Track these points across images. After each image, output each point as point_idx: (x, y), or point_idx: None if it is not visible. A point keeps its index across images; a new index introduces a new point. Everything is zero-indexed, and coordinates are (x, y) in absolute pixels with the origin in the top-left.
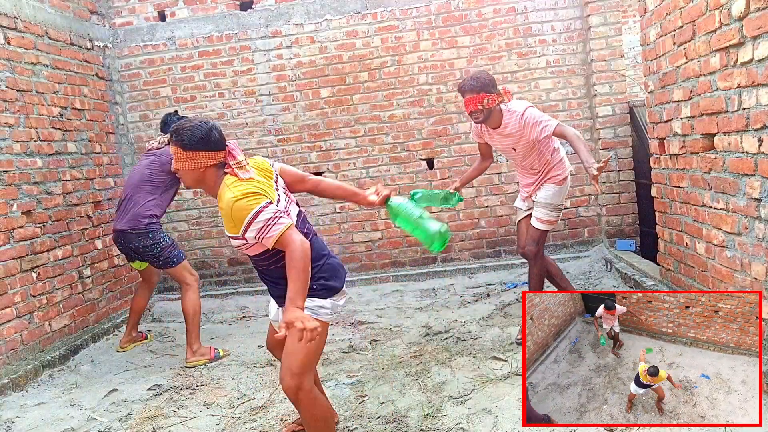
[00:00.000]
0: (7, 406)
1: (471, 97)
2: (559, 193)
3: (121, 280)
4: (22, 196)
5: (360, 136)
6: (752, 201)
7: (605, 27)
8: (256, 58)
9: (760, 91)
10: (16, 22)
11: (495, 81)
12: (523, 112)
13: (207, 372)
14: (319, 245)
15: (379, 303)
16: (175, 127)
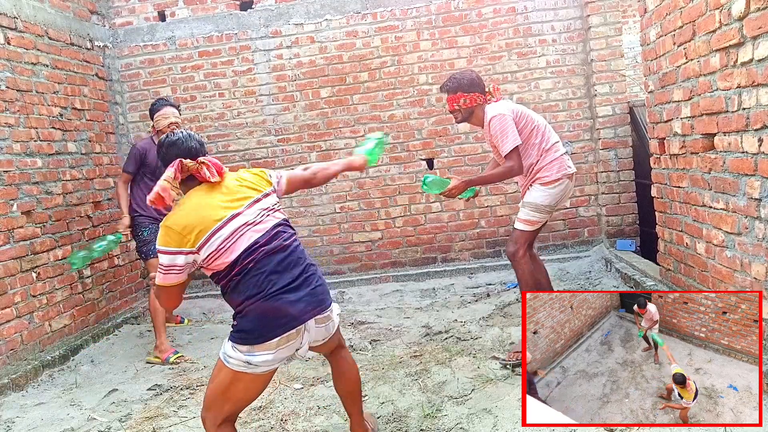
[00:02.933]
0: (7, 406)
1: (448, 97)
2: (546, 195)
3: (121, 280)
4: (22, 196)
5: (360, 136)
6: (752, 201)
7: (605, 27)
8: (256, 58)
9: (760, 91)
10: (16, 22)
11: (476, 81)
12: (489, 120)
13: (207, 372)
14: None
15: (379, 303)
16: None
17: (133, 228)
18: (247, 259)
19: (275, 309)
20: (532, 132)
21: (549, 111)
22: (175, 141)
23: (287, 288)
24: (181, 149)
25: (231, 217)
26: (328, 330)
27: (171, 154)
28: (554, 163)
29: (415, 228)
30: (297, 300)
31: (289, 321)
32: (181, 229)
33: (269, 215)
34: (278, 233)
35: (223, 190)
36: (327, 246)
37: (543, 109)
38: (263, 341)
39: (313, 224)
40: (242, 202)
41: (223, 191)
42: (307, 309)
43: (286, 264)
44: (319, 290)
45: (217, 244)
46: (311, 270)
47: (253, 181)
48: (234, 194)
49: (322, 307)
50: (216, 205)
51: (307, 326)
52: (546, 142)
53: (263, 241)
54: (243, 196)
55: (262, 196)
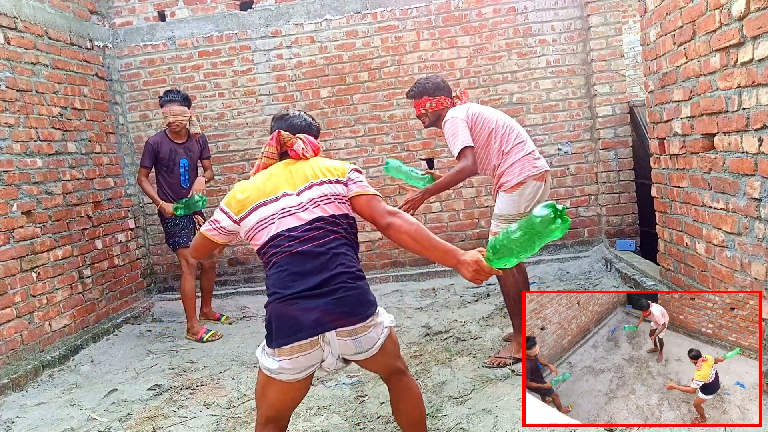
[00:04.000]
0: (7, 406)
1: (414, 102)
2: (511, 203)
3: (121, 280)
4: (22, 196)
5: (360, 136)
6: (752, 201)
7: (605, 27)
8: (256, 58)
9: (760, 91)
10: (16, 22)
11: (441, 85)
12: (444, 121)
13: (207, 372)
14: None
15: (379, 303)
16: None
17: (161, 217)
18: (274, 249)
19: (288, 314)
20: (490, 135)
21: (549, 111)
22: (283, 115)
23: (306, 293)
24: (284, 123)
25: (281, 195)
26: (360, 345)
27: (275, 127)
28: (515, 166)
29: None
30: (313, 308)
31: (299, 330)
32: (238, 193)
33: (317, 206)
34: (316, 228)
35: (298, 169)
36: None
37: (543, 109)
38: (276, 346)
39: None
40: (299, 185)
41: (296, 170)
42: (323, 320)
43: (312, 266)
44: (347, 300)
45: (256, 220)
46: (343, 278)
47: (322, 167)
48: (300, 176)
49: (344, 320)
50: (280, 181)
51: (326, 338)
52: (506, 144)
53: (295, 234)
54: (302, 179)
55: (317, 183)
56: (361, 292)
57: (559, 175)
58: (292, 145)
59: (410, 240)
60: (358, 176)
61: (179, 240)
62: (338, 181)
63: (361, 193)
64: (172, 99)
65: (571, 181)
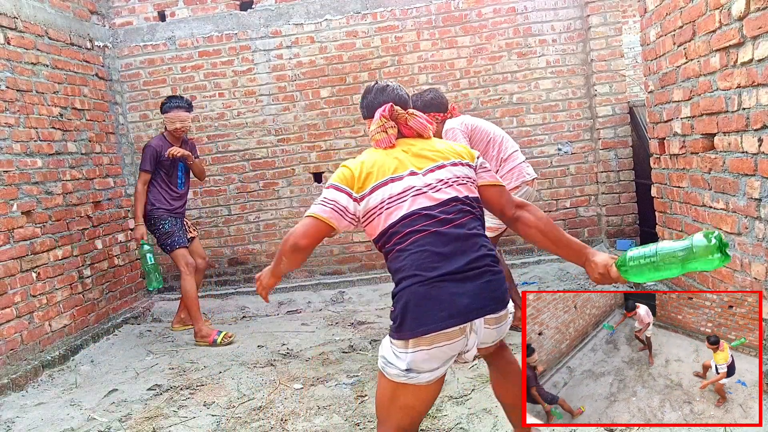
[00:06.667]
0: (7, 406)
1: None
2: None
3: (121, 280)
4: (22, 196)
5: (360, 136)
6: (752, 201)
7: (605, 27)
8: (256, 58)
9: (760, 91)
10: (16, 22)
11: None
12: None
13: (207, 372)
14: (408, 261)
15: (379, 303)
16: None
17: (151, 223)
18: (409, 229)
19: (433, 298)
20: (488, 144)
21: (549, 111)
22: (385, 87)
23: (451, 275)
24: (391, 96)
25: (408, 173)
26: (500, 333)
27: (378, 100)
28: (513, 172)
29: None
30: (462, 293)
31: (448, 317)
32: (356, 169)
33: (450, 186)
34: (453, 209)
35: (421, 146)
36: (327, 246)
37: (543, 109)
38: (416, 335)
39: None
40: (425, 165)
41: (417, 149)
42: (474, 306)
43: (454, 248)
44: (494, 286)
45: (380, 199)
46: (487, 261)
47: (449, 148)
48: (423, 156)
49: (494, 306)
50: (402, 159)
51: (474, 326)
52: (504, 152)
53: (430, 213)
54: (427, 159)
55: (449, 164)
56: (502, 278)
57: (559, 175)
58: (406, 122)
59: (538, 234)
60: (487, 164)
61: (177, 240)
62: (468, 165)
63: (493, 183)
64: (179, 105)
65: (571, 181)
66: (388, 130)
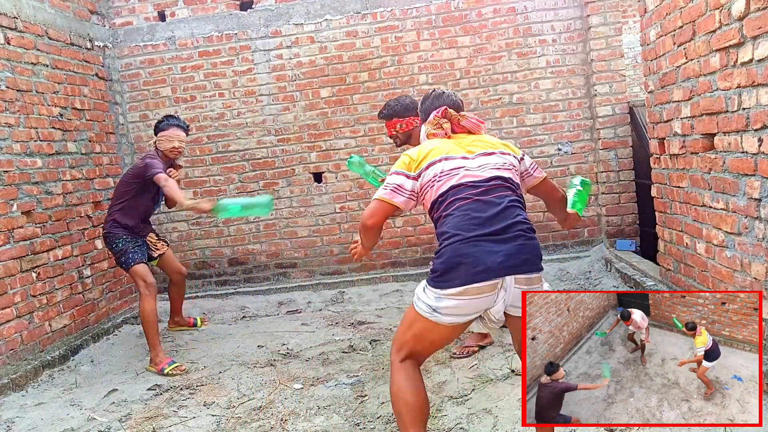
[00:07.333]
0: (7, 406)
1: (386, 123)
2: None
3: (121, 280)
4: (22, 196)
5: (360, 136)
6: (752, 201)
7: (605, 27)
8: (256, 58)
9: (760, 91)
10: (16, 22)
11: (410, 106)
12: None
13: (207, 372)
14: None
15: (379, 303)
16: None
17: (108, 240)
18: (455, 197)
19: (470, 254)
20: None
21: (549, 111)
22: (441, 93)
23: (488, 236)
24: (446, 101)
25: (460, 156)
26: None
27: (435, 105)
28: None
29: (415, 228)
30: (497, 251)
31: (482, 271)
32: (415, 155)
33: (496, 168)
34: (495, 186)
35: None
36: (327, 246)
37: (543, 109)
38: (451, 286)
39: (313, 224)
40: (476, 151)
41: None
42: (506, 263)
43: (493, 213)
44: (528, 249)
45: (433, 174)
46: (522, 227)
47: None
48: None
49: (526, 267)
50: (453, 145)
51: (505, 284)
52: None
53: (475, 184)
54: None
55: (494, 152)
56: (537, 245)
57: (559, 175)
58: (459, 121)
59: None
60: (532, 162)
61: (132, 257)
62: (514, 156)
63: (543, 178)
64: (178, 124)
65: None
66: (443, 125)
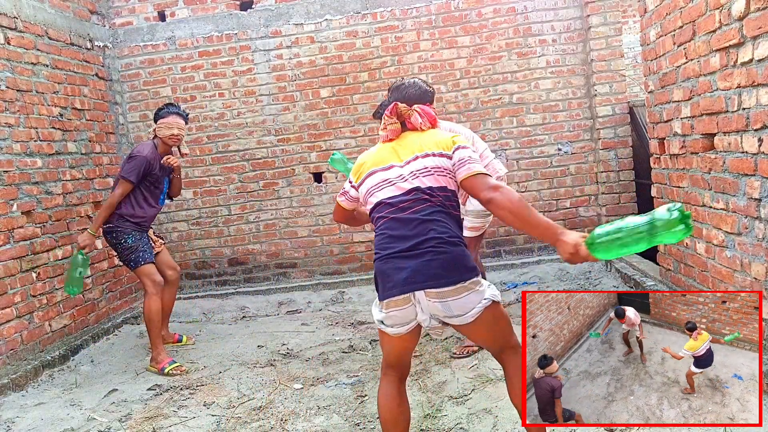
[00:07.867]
0: (7, 406)
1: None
2: None
3: (121, 280)
4: (22, 196)
5: (360, 136)
6: (752, 201)
7: (605, 27)
8: (256, 58)
9: (760, 91)
10: (16, 22)
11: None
12: None
13: (207, 372)
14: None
15: None
16: None
17: (113, 236)
18: (378, 215)
19: (384, 271)
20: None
21: (549, 111)
22: (398, 86)
23: (399, 254)
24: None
25: (389, 166)
26: (449, 309)
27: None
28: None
29: None
30: (404, 268)
31: (392, 287)
32: (358, 164)
33: (416, 177)
34: (413, 198)
35: (410, 141)
36: (327, 246)
37: (543, 109)
38: (381, 300)
39: (313, 224)
40: (406, 157)
41: (408, 143)
42: (411, 279)
43: (406, 231)
44: (434, 265)
45: (367, 188)
46: (432, 243)
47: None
48: (409, 149)
49: (433, 282)
50: (392, 150)
51: (417, 297)
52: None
53: (394, 202)
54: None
55: (421, 156)
56: (450, 257)
57: (559, 175)
58: (409, 117)
59: (509, 215)
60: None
61: (143, 256)
62: (442, 155)
63: (467, 176)
64: (177, 112)
65: (571, 181)
66: (388, 127)
